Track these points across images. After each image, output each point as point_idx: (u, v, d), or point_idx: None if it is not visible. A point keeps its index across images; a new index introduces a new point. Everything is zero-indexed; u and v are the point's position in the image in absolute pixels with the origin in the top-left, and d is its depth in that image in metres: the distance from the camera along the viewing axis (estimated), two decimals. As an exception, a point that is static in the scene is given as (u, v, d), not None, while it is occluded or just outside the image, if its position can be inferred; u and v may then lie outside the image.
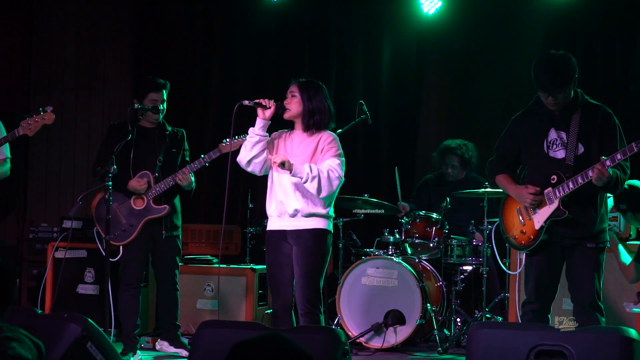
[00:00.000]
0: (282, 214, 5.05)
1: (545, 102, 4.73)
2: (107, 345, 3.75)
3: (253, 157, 5.08)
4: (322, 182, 4.93)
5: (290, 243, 5.05)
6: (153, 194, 5.86)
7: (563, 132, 4.75)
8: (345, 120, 6.86)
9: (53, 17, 8.68)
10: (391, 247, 6.75)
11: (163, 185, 5.84)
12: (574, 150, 4.71)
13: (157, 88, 5.90)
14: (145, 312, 6.99)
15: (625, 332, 3.63)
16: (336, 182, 4.98)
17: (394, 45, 8.24)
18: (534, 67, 4.72)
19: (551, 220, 4.72)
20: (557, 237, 4.75)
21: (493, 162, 5.03)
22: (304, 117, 5.07)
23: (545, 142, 4.78)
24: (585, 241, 4.73)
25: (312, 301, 4.98)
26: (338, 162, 5.02)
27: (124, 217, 5.85)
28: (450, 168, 7.25)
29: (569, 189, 4.66)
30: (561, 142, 4.74)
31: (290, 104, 5.09)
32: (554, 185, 4.72)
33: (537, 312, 4.77)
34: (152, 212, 5.86)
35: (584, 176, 4.60)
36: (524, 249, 4.87)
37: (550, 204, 4.73)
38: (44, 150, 8.63)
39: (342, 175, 5.01)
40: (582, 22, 7.75)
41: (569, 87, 4.70)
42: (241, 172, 8.34)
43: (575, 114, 4.75)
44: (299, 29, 8.40)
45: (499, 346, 3.75)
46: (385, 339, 6.39)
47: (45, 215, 8.49)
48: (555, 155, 4.76)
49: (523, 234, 4.84)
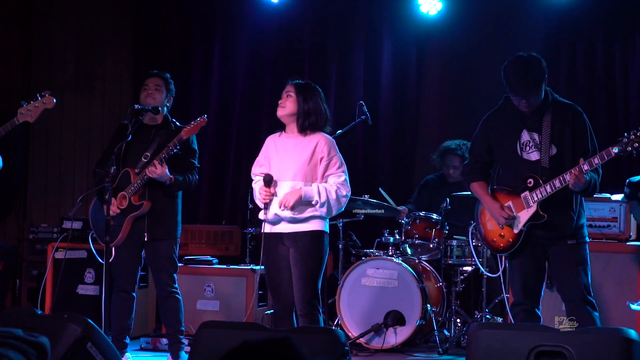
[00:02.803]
0: (278, 218, 5.05)
1: (518, 105, 4.73)
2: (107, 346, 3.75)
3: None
4: (332, 204, 4.97)
5: (287, 245, 5.05)
6: (131, 191, 5.62)
7: (535, 134, 4.75)
8: (345, 120, 6.87)
9: (53, 17, 8.68)
10: (391, 248, 6.75)
11: (140, 179, 5.57)
12: (548, 152, 4.72)
13: (150, 75, 5.82)
14: (145, 313, 6.99)
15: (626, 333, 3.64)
16: (344, 200, 5.01)
17: (394, 46, 8.24)
18: (505, 72, 4.72)
19: (530, 223, 4.74)
20: (537, 238, 4.77)
21: (468, 166, 5.04)
22: (299, 117, 5.05)
23: (518, 143, 4.78)
24: (566, 238, 4.74)
25: (311, 302, 4.99)
26: (343, 178, 5.04)
27: (112, 218, 5.72)
28: (452, 169, 7.25)
29: (547, 193, 4.67)
30: (534, 143, 4.75)
31: (285, 103, 5.08)
32: (530, 189, 4.72)
33: (528, 311, 4.79)
34: (132, 210, 5.64)
35: (562, 180, 4.61)
36: (503, 252, 4.88)
37: (528, 207, 4.73)
38: (44, 150, 8.62)
39: (349, 191, 5.04)
40: (582, 22, 7.75)
41: (540, 89, 4.71)
42: (241, 173, 8.42)
43: (547, 115, 4.75)
44: (299, 30, 8.39)
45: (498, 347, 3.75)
46: (385, 340, 6.39)
47: (45, 215, 8.49)
48: (529, 157, 4.76)
49: (502, 237, 4.85)
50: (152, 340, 6.51)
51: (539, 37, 7.81)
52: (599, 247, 5.87)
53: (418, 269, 6.59)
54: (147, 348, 6.48)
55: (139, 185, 5.61)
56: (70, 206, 7.94)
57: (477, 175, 4.96)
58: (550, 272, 4.92)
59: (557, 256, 4.75)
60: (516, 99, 4.71)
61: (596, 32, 7.73)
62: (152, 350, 6.45)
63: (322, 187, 4.95)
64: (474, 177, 4.97)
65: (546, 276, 4.96)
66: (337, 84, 8.24)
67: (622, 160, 7.58)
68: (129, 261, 5.70)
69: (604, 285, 5.85)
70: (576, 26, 7.77)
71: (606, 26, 7.71)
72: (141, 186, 5.61)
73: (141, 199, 5.64)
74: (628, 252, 5.99)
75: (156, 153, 5.60)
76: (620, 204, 6.09)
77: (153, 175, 5.49)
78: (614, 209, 6.08)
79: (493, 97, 7.77)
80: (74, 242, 6.62)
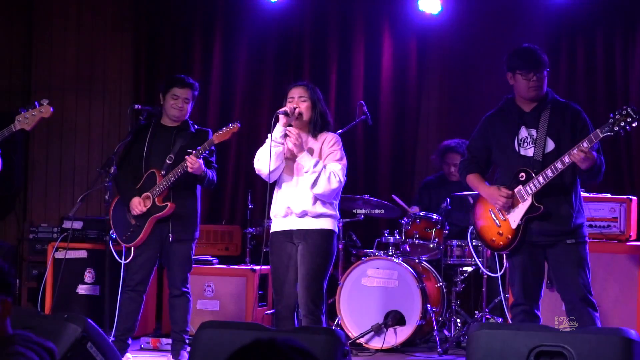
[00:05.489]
0: (289, 215, 5.07)
1: (529, 82, 4.75)
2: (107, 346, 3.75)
3: (277, 168, 5.06)
4: (320, 180, 4.97)
5: (295, 243, 5.07)
6: (156, 192, 5.65)
7: (533, 130, 4.78)
8: (345, 120, 6.87)
9: (53, 17, 8.67)
10: (391, 248, 6.75)
11: (166, 181, 5.62)
12: (543, 146, 4.74)
13: (182, 84, 5.75)
14: (145, 313, 6.99)
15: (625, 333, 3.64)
16: (335, 185, 5.00)
17: (394, 45, 8.24)
18: (511, 56, 4.81)
19: (527, 217, 4.73)
20: (536, 237, 4.76)
21: (464, 161, 5.06)
22: (316, 120, 5.09)
23: (516, 140, 4.81)
24: (564, 237, 4.73)
25: (316, 301, 5.00)
26: (340, 166, 5.05)
27: (133, 218, 5.73)
28: (452, 167, 7.25)
29: (540, 184, 4.67)
30: (532, 139, 4.77)
31: (303, 109, 5.09)
32: (523, 182, 4.73)
33: (527, 312, 4.78)
34: (156, 211, 5.67)
35: (553, 169, 4.62)
36: (503, 249, 4.88)
37: (523, 201, 4.74)
38: (44, 150, 8.62)
39: (342, 179, 5.04)
40: (582, 21, 7.75)
41: (546, 73, 4.77)
42: (241, 173, 8.42)
43: (545, 111, 4.79)
44: (300, 29, 8.39)
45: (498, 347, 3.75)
46: (385, 340, 6.39)
47: (45, 215, 8.49)
48: (526, 153, 4.78)
49: (500, 235, 4.84)
50: (152, 341, 6.51)
51: (539, 37, 7.80)
52: (599, 247, 5.87)
53: (418, 269, 6.59)
54: (148, 348, 6.48)
55: (164, 187, 5.65)
56: (70, 206, 7.94)
57: (473, 168, 4.98)
58: (549, 273, 4.92)
59: (557, 256, 4.75)
60: (526, 75, 4.74)
61: (596, 31, 7.73)
62: (152, 350, 6.45)
63: (320, 162, 5.00)
64: (470, 170, 4.99)
65: (546, 276, 4.96)
66: (337, 84, 8.24)
67: (622, 160, 7.59)
68: (145, 262, 5.72)
69: (603, 285, 5.84)
70: (576, 26, 7.77)
71: (606, 25, 7.71)
72: (167, 188, 5.65)
73: (165, 201, 5.67)
74: (628, 252, 5.99)
75: (180, 155, 5.64)
76: (621, 204, 6.09)
77: (193, 168, 5.49)
78: (614, 209, 6.08)
79: (493, 97, 7.78)
80: (74, 242, 6.63)
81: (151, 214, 5.67)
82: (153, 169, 5.69)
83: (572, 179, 4.77)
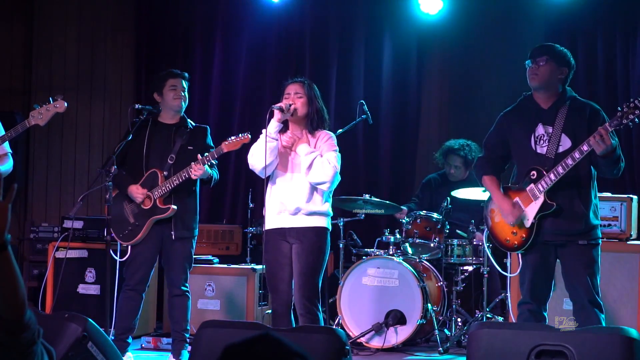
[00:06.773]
0: (282, 212, 5.06)
1: (528, 72, 4.78)
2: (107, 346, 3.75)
3: (271, 163, 5.06)
4: (315, 163, 4.98)
5: (289, 242, 5.07)
6: (159, 194, 5.63)
7: (550, 127, 4.76)
8: (345, 120, 6.87)
9: (54, 17, 8.67)
10: (392, 247, 6.75)
11: (169, 184, 5.60)
12: (557, 143, 4.72)
13: (174, 75, 5.77)
14: (146, 313, 6.99)
15: (626, 332, 3.64)
16: (330, 171, 4.98)
17: (395, 45, 8.24)
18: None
19: (540, 214, 4.73)
20: (549, 236, 4.75)
21: (482, 159, 5.05)
22: (313, 117, 5.09)
23: (532, 137, 4.79)
24: (577, 238, 4.71)
25: (311, 299, 4.99)
26: (334, 154, 5.07)
27: (132, 217, 5.69)
28: (453, 169, 7.25)
29: (551, 181, 4.66)
30: (548, 137, 4.75)
31: (298, 104, 5.09)
32: (534, 181, 4.72)
33: (533, 311, 4.77)
34: (157, 213, 5.64)
35: (564, 165, 4.61)
36: (518, 249, 4.86)
37: (535, 200, 4.72)
38: (44, 150, 8.62)
39: (337, 166, 5.03)
40: (582, 21, 7.74)
41: (551, 64, 4.77)
42: (242, 172, 8.41)
43: (562, 108, 4.77)
44: (300, 29, 8.39)
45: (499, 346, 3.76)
46: (386, 339, 6.39)
47: (46, 215, 8.49)
48: (542, 151, 4.76)
49: (514, 234, 4.83)
50: (152, 340, 6.52)
51: (539, 37, 7.79)
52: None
53: (419, 268, 6.59)
54: (148, 347, 6.48)
55: (167, 190, 5.63)
56: (71, 205, 7.93)
57: (489, 169, 4.96)
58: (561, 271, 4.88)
59: (568, 256, 4.73)
60: (530, 64, 4.77)
61: (596, 31, 7.72)
62: (153, 349, 6.45)
63: (317, 151, 5.04)
64: (486, 171, 4.97)
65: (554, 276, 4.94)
66: (337, 83, 8.24)
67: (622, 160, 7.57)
68: (144, 261, 5.70)
69: (605, 284, 5.83)
70: (576, 25, 7.76)
71: (606, 26, 7.70)
72: (170, 190, 5.63)
73: (167, 203, 5.64)
74: (629, 252, 5.99)
75: (180, 155, 5.64)
76: (621, 203, 6.08)
77: (197, 175, 5.51)
78: (615, 208, 6.07)
79: (493, 97, 7.83)
80: (74, 242, 6.63)
81: (152, 214, 5.65)
82: (155, 169, 5.68)
83: (588, 175, 4.74)
